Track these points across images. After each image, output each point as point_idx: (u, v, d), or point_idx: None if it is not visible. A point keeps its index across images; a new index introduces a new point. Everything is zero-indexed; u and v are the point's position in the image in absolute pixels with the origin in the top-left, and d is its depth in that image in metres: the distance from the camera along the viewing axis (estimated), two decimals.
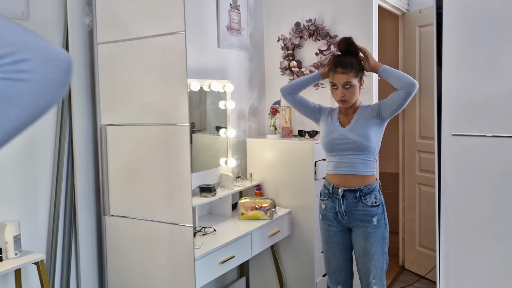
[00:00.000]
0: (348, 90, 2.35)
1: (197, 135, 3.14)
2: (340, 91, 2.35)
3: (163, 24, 2.23)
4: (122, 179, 2.47)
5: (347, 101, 2.37)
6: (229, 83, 3.24)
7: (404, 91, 2.23)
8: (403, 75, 2.27)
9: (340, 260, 2.50)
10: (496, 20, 2.02)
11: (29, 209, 2.25)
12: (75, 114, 2.41)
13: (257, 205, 3.05)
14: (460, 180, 2.17)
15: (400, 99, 2.26)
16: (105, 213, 2.53)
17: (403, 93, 2.24)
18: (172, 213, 2.31)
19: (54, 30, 2.34)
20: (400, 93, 2.25)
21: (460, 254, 2.23)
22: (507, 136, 2.02)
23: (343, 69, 2.32)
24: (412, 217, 3.98)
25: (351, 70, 2.33)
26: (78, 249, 2.46)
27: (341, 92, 2.35)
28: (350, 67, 2.33)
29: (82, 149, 2.48)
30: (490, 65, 2.05)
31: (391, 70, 2.32)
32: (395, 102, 2.29)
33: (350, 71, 2.32)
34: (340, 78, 2.33)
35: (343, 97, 2.35)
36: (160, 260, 2.38)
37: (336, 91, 2.38)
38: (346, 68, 2.32)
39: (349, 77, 2.32)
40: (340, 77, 2.34)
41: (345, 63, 2.33)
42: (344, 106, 2.41)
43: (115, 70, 2.44)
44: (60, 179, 2.35)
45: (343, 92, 2.35)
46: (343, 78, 2.33)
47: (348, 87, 2.34)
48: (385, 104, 2.34)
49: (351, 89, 2.35)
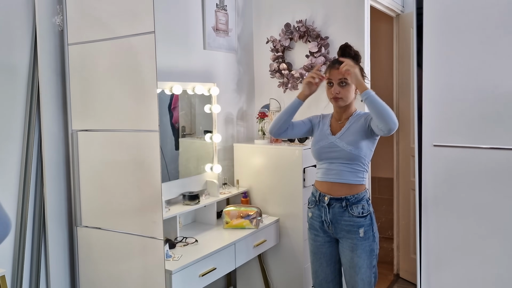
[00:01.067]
0: (343, 88, 2.28)
1: (186, 140, 3.05)
2: (335, 88, 2.29)
3: (134, 24, 2.12)
4: (95, 188, 2.36)
5: (342, 99, 2.30)
6: (215, 86, 3.12)
7: (382, 132, 2.13)
8: (385, 115, 2.06)
9: (328, 272, 2.42)
10: (479, 21, 1.88)
11: None
12: (45, 118, 2.29)
13: (242, 214, 2.93)
14: (441, 193, 2.03)
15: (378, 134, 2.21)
16: (77, 223, 2.41)
17: (381, 132, 2.14)
18: (144, 224, 2.20)
19: (21, 29, 2.22)
20: (378, 130, 2.15)
21: (441, 268, 2.11)
22: (491, 147, 1.89)
23: (340, 65, 2.25)
24: (406, 223, 3.87)
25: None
26: (48, 262, 2.34)
27: (336, 89, 2.29)
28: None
29: (52, 156, 2.35)
30: (472, 69, 1.91)
31: (375, 102, 2.10)
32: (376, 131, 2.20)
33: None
34: (337, 73, 2.27)
35: (338, 94, 2.29)
36: (132, 274, 2.27)
37: (331, 89, 2.31)
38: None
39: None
40: (336, 73, 2.27)
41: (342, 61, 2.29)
42: (337, 105, 2.33)
43: (87, 73, 2.33)
44: (27, 188, 2.22)
45: (338, 89, 2.29)
46: (340, 73, 2.25)
47: (343, 85, 2.28)
48: (372, 122, 2.22)
49: (347, 87, 2.28)
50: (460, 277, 2.04)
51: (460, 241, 2.04)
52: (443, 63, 1.98)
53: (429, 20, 1.98)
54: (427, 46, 1.99)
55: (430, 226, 2.09)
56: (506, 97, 1.86)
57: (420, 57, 2.01)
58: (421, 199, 2.06)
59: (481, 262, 1.99)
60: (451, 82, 1.96)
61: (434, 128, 2.02)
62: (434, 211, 2.07)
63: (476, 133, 1.93)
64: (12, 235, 2.20)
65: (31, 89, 2.25)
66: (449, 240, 2.06)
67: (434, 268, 2.09)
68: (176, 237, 2.68)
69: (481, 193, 1.95)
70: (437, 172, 2.02)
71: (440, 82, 1.98)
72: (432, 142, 2.01)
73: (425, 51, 1.99)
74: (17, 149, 2.22)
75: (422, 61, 1.99)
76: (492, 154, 1.90)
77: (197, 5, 3.11)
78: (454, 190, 2.01)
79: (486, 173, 1.93)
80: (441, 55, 1.97)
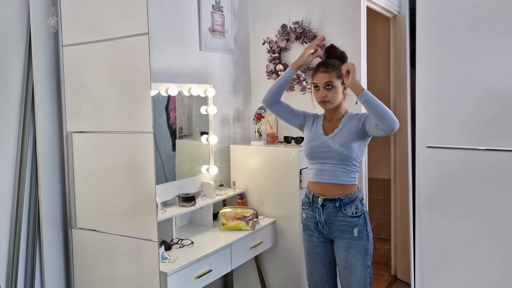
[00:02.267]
0: (330, 91, 2.29)
1: (182, 141, 3.05)
2: (321, 91, 2.30)
3: (128, 26, 2.12)
4: (89, 190, 2.35)
5: (329, 102, 2.30)
6: (211, 88, 3.11)
7: (383, 132, 2.11)
8: (385, 115, 2.06)
9: (323, 273, 2.42)
10: (470, 21, 1.88)
11: None
12: (39, 120, 2.29)
13: (238, 215, 2.93)
14: (435, 196, 2.03)
15: (379, 135, 2.17)
16: (72, 225, 2.40)
17: (382, 132, 2.12)
18: (138, 226, 2.19)
19: (16, 31, 2.21)
20: (378, 131, 2.13)
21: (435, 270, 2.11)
22: (485, 149, 1.88)
23: (325, 68, 2.29)
24: (403, 224, 3.86)
25: (333, 70, 2.29)
26: (43, 265, 2.33)
27: (323, 92, 2.30)
28: (332, 67, 2.29)
29: (47, 157, 2.34)
30: (465, 70, 1.91)
31: (374, 102, 2.09)
32: (374, 133, 2.19)
33: (332, 70, 2.29)
34: (322, 77, 2.29)
35: (324, 98, 2.30)
36: (128, 276, 2.27)
37: (318, 92, 2.32)
38: (328, 67, 2.29)
39: (331, 76, 2.28)
40: (321, 76, 2.29)
41: (327, 63, 2.31)
42: (325, 107, 2.35)
43: (82, 74, 2.32)
44: (22, 190, 2.22)
45: (324, 93, 2.29)
46: (325, 77, 2.28)
47: (329, 88, 2.28)
48: (369, 124, 2.22)
49: (333, 90, 2.29)
50: (454, 278, 2.03)
51: (454, 242, 2.04)
52: (436, 64, 1.98)
53: (422, 21, 1.98)
54: (420, 47, 1.99)
55: (424, 227, 2.08)
56: (499, 98, 1.85)
57: (414, 58, 2.00)
58: (415, 200, 2.05)
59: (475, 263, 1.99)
60: (444, 83, 1.96)
61: (427, 129, 2.01)
62: (427, 212, 2.06)
63: (469, 134, 1.93)
64: (6, 237, 2.19)
65: (25, 91, 2.24)
66: (442, 241, 2.06)
67: (429, 270, 2.09)
68: (172, 239, 2.67)
69: (475, 194, 1.95)
70: (430, 173, 2.01)
71: (433, 83, 1.98)
72: (425, 143, 2.00)
73: (418, 52, 1.99)
74: (11, 150, 2.21)
75: (415, 62, 1.99)
76: (486, 156, 1.90)
77: (193, 6, 3.10)
78: (448, 191, 2.01)
79: (480, 175, 1.93)
80: (434, 55, 1.97)
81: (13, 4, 2.20)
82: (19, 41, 2.23)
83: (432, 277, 2.09)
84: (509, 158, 1.85)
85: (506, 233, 1.91)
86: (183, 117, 3.04)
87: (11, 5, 2.19)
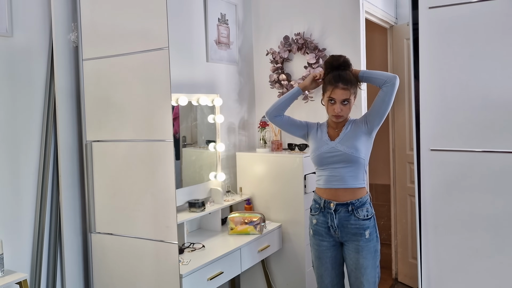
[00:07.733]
0: (345, 106, 2.35)
1: (188, 149, 3.12)
2: (338, 106, 2.33)
3: (147, 40, 2.23)
4: (108, 196, 2.45)
5: (342, 117, 2.38)
6: (218, 97, 3.23)
7: (389, 84, 2.29)
8: (382, 72, 2.36)
9: (333, 275, 2.47)
10: (470, 35, 2.04)
11: (12, 228, 2.22)
12: (60, 130, 2.40)
13: (247, 220, 3.03)
14: (440, 195, 2.15)
15: (386, 95, 2.30)
16: (91, 230, 2.50)
17: (387, 87, 2.29)
18: (157, 229, 2.29)
19: (39, 46, 2.33)
20: (384, 89, 2.30)
21: (441, 270, 2.20)
22: (482, 151, 2.03)
23: (345, 85, 2.30)
24: (404, 229, 3.96)
25: (351, 87, 2.32)
26: (64, 268, 2.43)
27: (339, 108, 2.34)
28: (350, 83, 2.32)
29: (68, 165, 2.45)
30: (463, 81, 2.06)
31: (370, 71, 2.41)
32: (381, 103, 2.32)
33: (351, 87, 2.32)
34: (341, 94, 2.31)
35: (340, 113, 2.35)
36: (146, 278, 2.35)
37: (333, 106, 2.35)
38: (348, 84, 2.31)
39: (349, 94, 2.32)
40: (341, 93, 2.31)
41: (346, 79, 2.32)
42: (337, 120, 2.41)
43: (101, 86, 2.43)
44: (44, 197, 2.32)
45: (340, 108, 2.34)
46: (344, 94, 2.31)
47: (345, 104, 2.34)
48: (370, 111, 2.37)
49: (348, 105, 2.36)
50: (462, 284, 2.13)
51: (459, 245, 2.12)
52: (437, 75, 2.12)
53: (424, 35, 2.12)
54: (422, 59, 2.13)
55: (429, 228, 2.20)
56: (494, 105, 2.01)
57: (417, 70, 2.14)
58: (420, 199, 2.18)
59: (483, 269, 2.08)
60: (445, 93, 2.11)
61: (430, 134, 2.15)
62: (433, 211, 2.18)
63: (468, 138, 2.08)
64: (30, 242, 2.29)
65: (48, 102, 2.35)
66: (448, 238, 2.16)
67: (436, 274, 2.19)
68: (183, 243, 2.77)
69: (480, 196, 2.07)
70: (434, 173, 2.15)
71: (435, 93, 2.12)
72: (429, 147, 2.15)
73: (420, 64, 2.14)
74: (34, 159, 2.32)
75: (418, 73, 2.13)
76: (485, 157, 2.04)
77: (200, 20, 3.23)
78: (452, 193, 2.13)
79: (478, 174, 2.07)
80: (435, 68, 2.12)
81: (37, 21, 2.31)
82: (42, 55, 2.34)
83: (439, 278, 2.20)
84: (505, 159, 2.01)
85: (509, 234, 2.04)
86: (186, 126, 3.11)
87: (35, 22, 2.30)
